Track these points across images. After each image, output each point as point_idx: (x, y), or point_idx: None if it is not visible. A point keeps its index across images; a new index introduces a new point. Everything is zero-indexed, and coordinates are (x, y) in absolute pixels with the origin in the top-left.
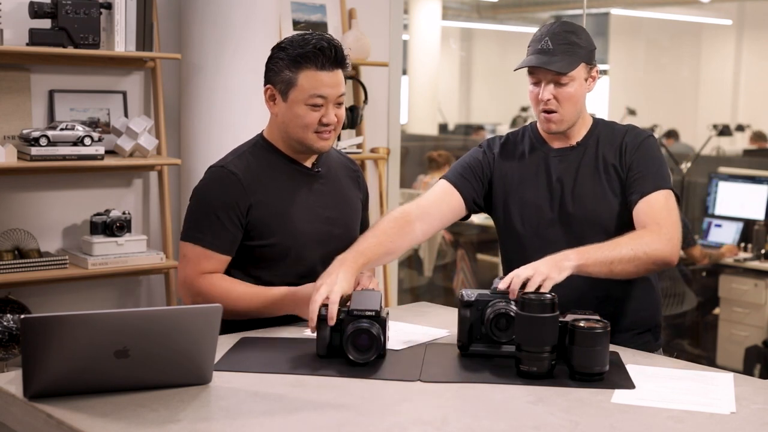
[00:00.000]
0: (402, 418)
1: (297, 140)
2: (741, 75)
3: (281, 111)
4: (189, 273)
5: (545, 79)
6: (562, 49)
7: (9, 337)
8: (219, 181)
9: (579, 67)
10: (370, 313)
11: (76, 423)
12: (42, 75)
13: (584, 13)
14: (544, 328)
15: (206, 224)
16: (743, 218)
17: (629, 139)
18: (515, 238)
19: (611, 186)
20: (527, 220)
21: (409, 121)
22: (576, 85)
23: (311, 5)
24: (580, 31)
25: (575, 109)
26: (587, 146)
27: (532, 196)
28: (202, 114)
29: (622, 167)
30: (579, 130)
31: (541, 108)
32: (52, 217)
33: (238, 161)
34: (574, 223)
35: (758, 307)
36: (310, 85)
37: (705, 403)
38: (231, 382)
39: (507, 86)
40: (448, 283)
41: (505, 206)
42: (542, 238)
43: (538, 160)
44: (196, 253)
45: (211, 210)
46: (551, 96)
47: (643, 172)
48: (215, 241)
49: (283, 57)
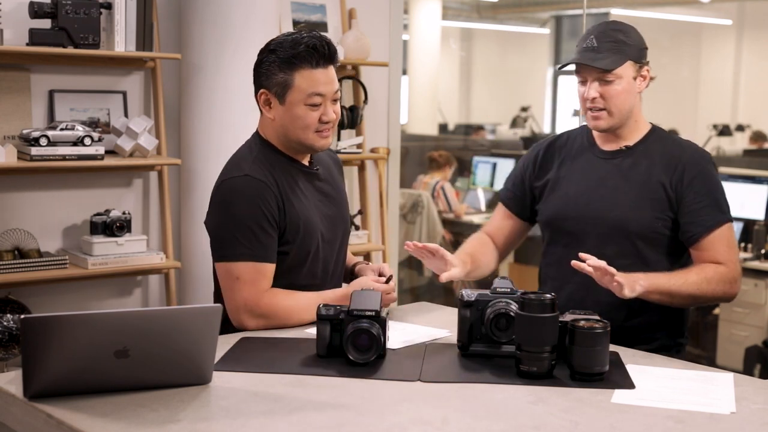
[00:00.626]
0: (402, 418)
1: (297, 141)
2: (741, 75)
3: (279, 115)
4: (250, 295)
5: (591, 77)
6: (607, 47)
7: (9, 337)
8: (253, 191)
9: (626, 65)
10: (370, 313)
11: (76, 423)
12: (42, 75)
13: (584, 13)
14: (544, 328)
15: (252, 237)
16: (743, 218)
17: (690, 160)
18: (552, 234)
19: (651, 199)
20: (562, 217)
21: (409, 121)
22: (623, 83)
23: (311, 5)
24: (628, 30)
25: (623, 107)
26: (636, 153)
27: (573, 193)
28: (202, 114)
29: (672, 187)
30: (631, 133)
31: (587, 106)
32: (52, 217)
33: (257, 167)
34: (603, 226)
35: (758, 307)
36: (307, 85)
37: (705, 403)
38: (231, 382)
39: (507, 86)
40: (448, 283)
41: (547, 203)
42: (573, 236)
43: (585, 160)
44: (251, 271)
45: (253, 222)
46: (597, 94)
47: (704, 202)
48: (264, 252)
49: (275, 60)
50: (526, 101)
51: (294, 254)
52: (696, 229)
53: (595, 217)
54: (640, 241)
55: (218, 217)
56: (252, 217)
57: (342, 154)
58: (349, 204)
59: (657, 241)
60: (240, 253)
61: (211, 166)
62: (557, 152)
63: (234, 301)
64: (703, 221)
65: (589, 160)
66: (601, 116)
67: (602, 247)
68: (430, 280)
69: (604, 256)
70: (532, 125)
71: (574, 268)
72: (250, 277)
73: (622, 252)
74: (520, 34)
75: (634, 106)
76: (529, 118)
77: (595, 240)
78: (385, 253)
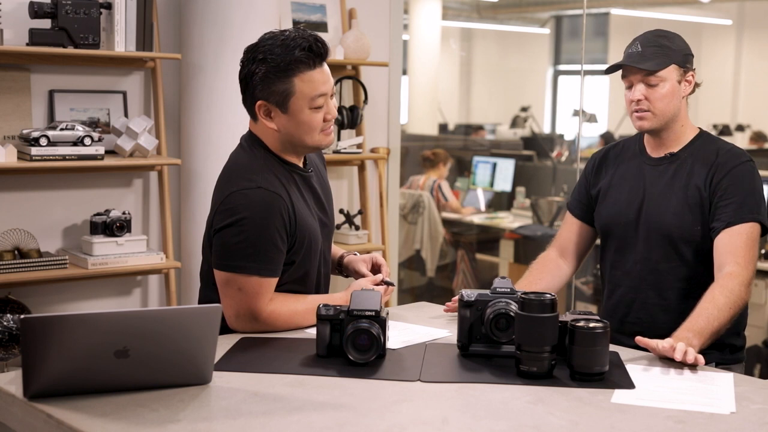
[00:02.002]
0: (402, 418)
1: (302, 145)
2: (741, 75)
3: (282, 123)
4: (251, 307)
5: (636, 80)
6: (651, 51)
7: (9, 337)
8: (267, 206)
9: (670, 68)
10: (370, 313)
11: (76, 423)
12: (42, 75)
13: (584, 13)
14: (544, 328)
15: (262, 253)
16: None
17: (722, 160)
18: (606, 238)
19: (689, 203)
20: (613, 223)
21: (409, 121)
22: (668, 86)
23: (311, 5)
24: (672, 36)
25: (667, 109)
26: (682, 158)
27: (624, 199)
28: (202, 114)
29: (706, 187)
30: (678, 139)
31: (633, 108)
32: (52, 217)
33: (268, 178)
34: (649, 231)
35: (758, 307)
36: (309, 89)
37: (705, 403)
38: (231, 382)
39: (507, 86)
40: (448, 284)
41: (600, 210)
42: (622, 241)
43: (634, 167)
44: (254, 285)
45: (268, 237)
46: (642, 96)
47: (729, 199)
48: (274, 268)
49: (269, 69)
50: (526, 101)
51: (299, 264)
52: (717, 224)
53: (642, 223)
54: (683, 245)
55: (229, 228)
56: (265, 234)
57: (342, 154)
58: (349, 204)
59: (699, 245)
60: (247, 267)
61: (211, 166)
62: (612, 159)
63: (232, 309)
64: (724, 217)
65: (639, 166)
66: (646, 117)
67: (648, 252)
68: (430, 280)
69: (650, 260)
70: (532, 125)
71: (624, 273)
72: (254, 291)
73: (666, 256)
74: (520, 34)
75: (680, 111)
76: (529, 118)
77: (642, 245)
78: (385, 253)
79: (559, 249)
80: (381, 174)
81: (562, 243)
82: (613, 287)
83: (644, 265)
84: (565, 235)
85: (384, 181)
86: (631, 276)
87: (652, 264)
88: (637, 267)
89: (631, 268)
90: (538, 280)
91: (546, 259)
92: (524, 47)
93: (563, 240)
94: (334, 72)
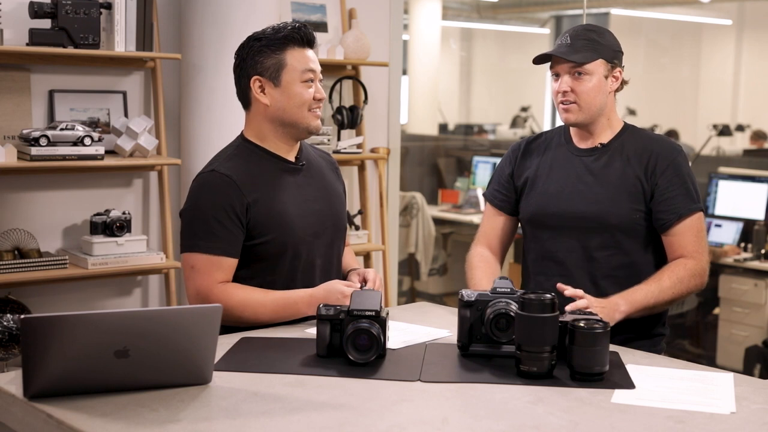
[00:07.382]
0: (402, 418)
1: (293, 123)
2: (741, 75)
3: (275, 98)
4: (201, 285)
5: (563, 72)
6: (580, 44)
7: (9, 337)
8: (214, 186)
9: (597, 62)
10: (370, 313)
11: (76, 423)
12: (42, 75)
13: (584, 13)
14: (544, 328)
15: (209, 231)
16: (743, 218)
17: (659, 150)
18: (534, 230)
19: (628, 192)
20: (544, 213)
21: (409, 121)
22: (594, 80)
23: (311, 5)
24: (602, 32)
25: (593, 103)
26: (611, 149)
27: (553, 189)
28: (202, 114)
29: (647, 176)
30: (604, 131)
31: (559, 100)
32: (52, 217)
33: (228, 163)
34: (583, 221)
35: (758, 307)
36: (300, 62)
37: (705, 403)
38: (231, 382)
39: (507, 86)
40: (442, 287)
41: (528, 200)
42: (555, 231)
43: (562, 157)
44: (205, 262)
45: (211, 215)
46: (568, 88)
47: (675, 191)
48: (222, 245)
49: (262, 46)
50: (526, 101)
51: (269, 247)
52: (667, 216)
53: (576, 213)
54: (620, 233)
55: (184, 211)
56: (211, 211)
57: (342, 154)
58: (349, 204)
59: (636, 233)
60: (195, 245)
61: None
62: (536, 150)
63: (188, 289)
64: (674, 208)
65: (567, 157)
66: (571, 109)
67: (584, 241)
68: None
69: (587, 249)
70: (532, 125)
71: (556, 263)
72: (204, 268)
73: (603, 244)
74: (520, 34)
75: (606, 105)
76: (529, 118)
77: (577, 234)
78: (385, 253)
79: (487, 244)
80: (381, 174)
81: (489, 238)
82: (544, 278)
83: (579, 253)
84: (489, 229)
85: (384, 181)
86: (565, 265)
87: (588, 252)
88: (573, 255)
89: (565, 257)
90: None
91: (484, 257)
92: (524, 47)
93: (488, 235)
94: (334, 72)
